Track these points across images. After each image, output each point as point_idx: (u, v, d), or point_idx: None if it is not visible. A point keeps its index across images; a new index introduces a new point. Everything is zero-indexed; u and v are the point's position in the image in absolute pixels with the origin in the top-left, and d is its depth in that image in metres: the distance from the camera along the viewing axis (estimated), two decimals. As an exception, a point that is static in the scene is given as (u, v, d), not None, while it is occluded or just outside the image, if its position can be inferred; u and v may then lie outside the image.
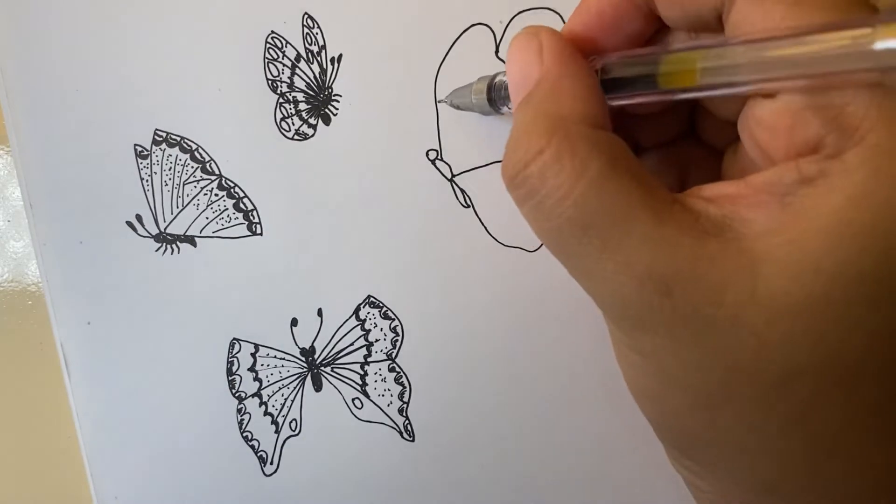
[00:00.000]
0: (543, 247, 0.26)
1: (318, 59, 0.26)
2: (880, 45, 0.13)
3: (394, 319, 0.27)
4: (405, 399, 0.27)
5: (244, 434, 0.27)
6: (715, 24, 0.17)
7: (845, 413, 0.15)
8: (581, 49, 0.18)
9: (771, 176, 0.15)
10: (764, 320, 0.14)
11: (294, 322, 0.27)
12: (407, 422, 0.27)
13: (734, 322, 0.14)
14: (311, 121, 0.26)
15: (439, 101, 0.25)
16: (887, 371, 0.14)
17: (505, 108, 0.22)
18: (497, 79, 0.22)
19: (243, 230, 0.27)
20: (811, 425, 0.15)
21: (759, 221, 0.15)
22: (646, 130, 0.21)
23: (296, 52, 0.26)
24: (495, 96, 0.22)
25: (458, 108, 0.25)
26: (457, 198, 0.26)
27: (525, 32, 0.18)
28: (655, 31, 0.19)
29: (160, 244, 0.27)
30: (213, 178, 0.27)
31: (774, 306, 0.14)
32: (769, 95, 0.16)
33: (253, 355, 0.27)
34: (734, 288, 0.14)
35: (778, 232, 0.15)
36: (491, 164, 0.26)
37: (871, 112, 0.14)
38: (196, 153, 0.27)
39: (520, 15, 0.25)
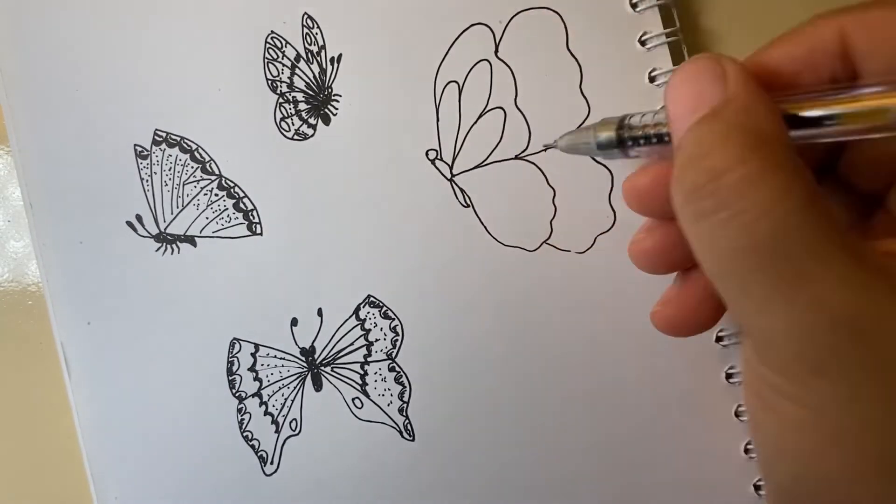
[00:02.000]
0: (542, 246, 0.26)
1: (318, 59, 0.26)
2: None
3: (394, 319, 0.27)
4: (405, 399, 0.27)
5: (244, 434, 0.27)
6: None
7: None
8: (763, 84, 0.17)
9: None
10: None
11: (294, 322, 0.27)
12: (407, 421, 0.27)
13: None
14: (311, 121, 0.26)
15: (546, 147, 0.25)
16: None
17: (635, 151, 0.21)
18: (632, 119, 0.21)
19: (243, 230, 0.27)
20: None
21: None
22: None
23: (295, 53, 0.26)
24: (627, 135, 0.20)
25: (566, 151, 0.23)
26: (456, 197, 0.26)
27: (705, 58, 0.17)
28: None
29: (160, 244, 0.27)
30: (212, 178, 0.27)
31: None
32: None
33: (253, 355, 0.27)
34: None
35: None
36: (490, 163, 0.26)
37: None
38: (196, 153, 0.27)
39: (519, 15, 0.25)
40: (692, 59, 0.18)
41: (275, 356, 0.27)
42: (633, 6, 0.25)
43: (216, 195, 0.27)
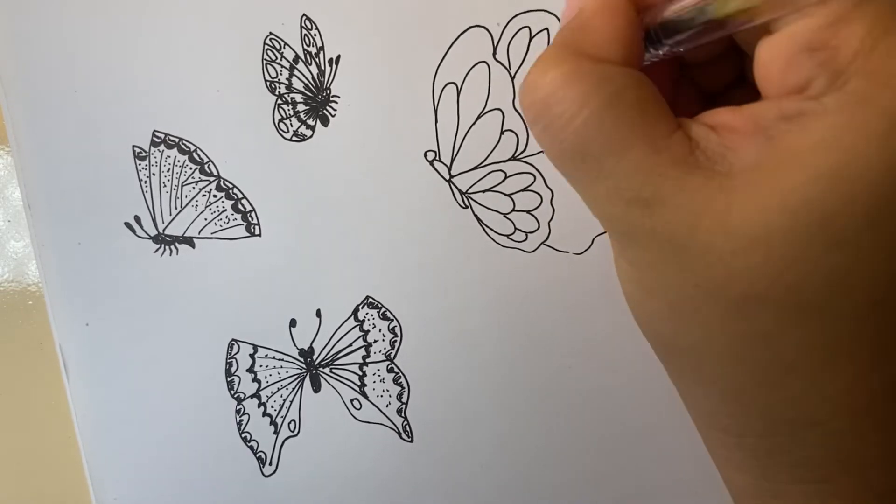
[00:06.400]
0: (541, 247, 0.26)
1: (317, 60, 0.26)
2: None
3: (392, 320, 0.27)
4: (404, 399, 0.27)
5: (243, 435, 0.27)
6: None
7: (803, 341, 0.16)
8: None
9: (758, 109, 0.16)
10: (730, 250, 0.15)
11: (293, 323, 0.27)
12: (405, 422, 0.27)
13: (705, 248, 0.16)
14: (310, 122, 0.26)
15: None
16: (843, 309, 0.15)
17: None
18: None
19: (242, 231, 0.27)
20: (770, 347, 0.16)
21: (748, 153, 0.16)
22: (705, 79, 0.22)
23: (294, 54, 0.26)
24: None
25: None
26: (455, 198, 0.26)
27: None
28: None
29: (159, 245, 0.27)
30: (211, 179, 0.27)
31: (740, 238, 0.15)
32: (769, 32, 0.16)
33: (252, 356, 0.27)
34: (709, 218, 0.16)
35: (757, 166, 0.15)
36: (488, 164, 0.26)
37: (859, 59, 0.14)
38: (194, 154, 0.27)
39: (517, 17, 0.25)
40: None
41: (273, 357, 0.27)
42: (632, 7, 0.25)
43: (215, 196, 0.27)
